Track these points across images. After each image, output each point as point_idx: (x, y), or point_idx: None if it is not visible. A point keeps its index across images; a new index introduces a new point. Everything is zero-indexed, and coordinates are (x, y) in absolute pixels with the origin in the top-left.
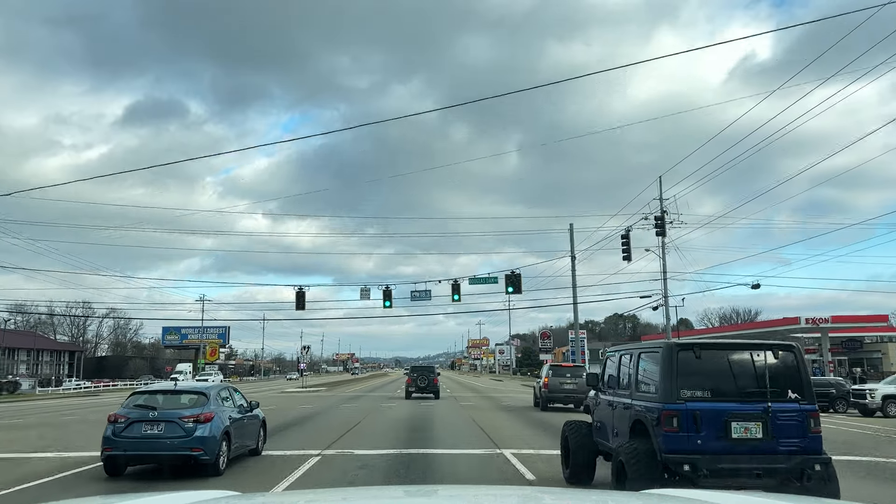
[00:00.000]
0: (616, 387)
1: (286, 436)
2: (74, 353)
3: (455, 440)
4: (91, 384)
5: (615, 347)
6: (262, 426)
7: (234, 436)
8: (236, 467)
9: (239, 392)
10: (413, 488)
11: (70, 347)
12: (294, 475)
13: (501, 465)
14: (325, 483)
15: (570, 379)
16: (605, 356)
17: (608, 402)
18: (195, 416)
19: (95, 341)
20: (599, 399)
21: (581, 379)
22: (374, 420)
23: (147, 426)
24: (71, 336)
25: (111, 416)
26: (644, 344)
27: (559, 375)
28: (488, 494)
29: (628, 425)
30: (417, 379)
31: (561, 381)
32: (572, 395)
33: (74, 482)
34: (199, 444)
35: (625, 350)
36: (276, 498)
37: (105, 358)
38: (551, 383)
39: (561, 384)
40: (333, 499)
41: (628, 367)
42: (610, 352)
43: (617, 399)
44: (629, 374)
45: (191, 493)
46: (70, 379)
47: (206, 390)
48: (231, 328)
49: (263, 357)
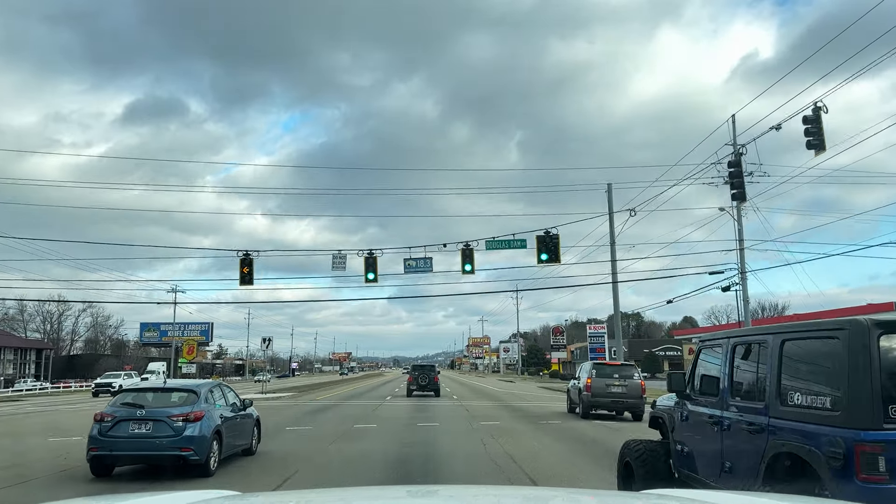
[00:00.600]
0: (725, 394)
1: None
2: (42, 351)
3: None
4: (50, 385)
5: (719, 334)
6: (256, 425)
7: (226, 435)
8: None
9: (232, 390)
10: (415, 488)
11: (37, 345)
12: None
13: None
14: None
15: (619, 380)
16: (700, 347)
17: (709, 418)
18: (185, 414)
19: (71, 339)
20: (688, 411)
21: (632, 380)
22: (324, 463)
23: (135, 425)
24: (44, 333)
25: (97, 415)
26: (791, 325)
27: (605, 376)
28: (488, 494)
29: (761, 459)
30: (418, 377)
31: (607, 383)
32: (621, 401)
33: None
34: (188, 443)
35: (745, 336)
36: (275, 497)
37: (76, 356)
38: (595, 385)
39: (607, 386)
40: (334, 498)
41: (755, 364)
42: (710, 339)
43: (732, 414)
44: (761, 375)
45: (191, 493)
46: (24, 380)
47: (196, 388)
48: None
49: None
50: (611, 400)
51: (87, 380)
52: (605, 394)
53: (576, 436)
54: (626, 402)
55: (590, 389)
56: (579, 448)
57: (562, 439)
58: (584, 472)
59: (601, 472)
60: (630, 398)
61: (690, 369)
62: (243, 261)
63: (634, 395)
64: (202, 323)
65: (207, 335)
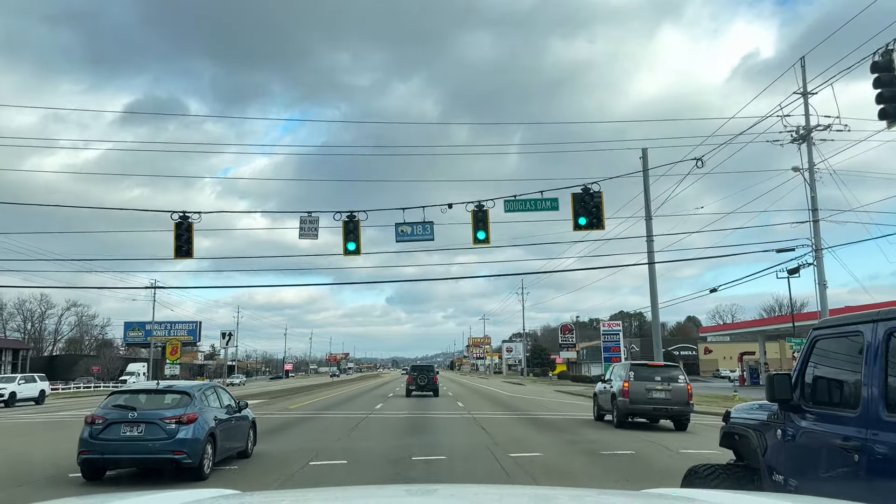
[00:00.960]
0: (874, 406)
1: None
2: (19, 352)
3: None
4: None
5: (854, 317)
6: (251, 427)
7: (221, 438)
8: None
9: (227, 392)
10: (414, 487)
11: (14, 345)
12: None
13: None
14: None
15: (661, 384)
16: (814, 337)
17: (842, 441)
18: (177, 416)
19: (54, 338)
20: (797, 427)
21: (677, 384)
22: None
23: (126, 427)
24: (24, 333)
25: (88, 417)
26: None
27: (645, 378)
28: (489, 493)
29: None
30: (417, 377)
31: (648, 387)
32: (665, 408)
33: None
34: (181, 446)
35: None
36: (275, 496)
37: (56, 357)
38: (634, 390)
39: (648, 391)
40: (333, 497)
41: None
42: (839, 326)
43: (891, 438)
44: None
45: (190, 492)
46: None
47: (190, 389)
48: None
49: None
50: (652, 407)
51: (67, 382)
52: (645, 400)
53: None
54: (671, 410)
55: (627, 395)
56: None
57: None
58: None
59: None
60: (675, 404)
61: (798, 369)
62: (179, 226)
63: (680, 401)
64: (190, 322)
65: (195, 335)
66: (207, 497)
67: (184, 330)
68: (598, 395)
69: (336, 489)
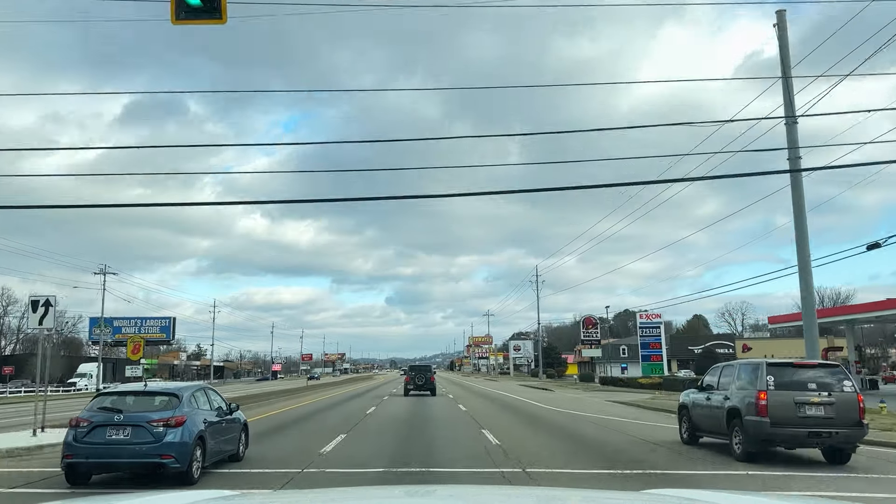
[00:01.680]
0: None
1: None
2: None
3: None
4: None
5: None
6: (243, 430)
7: (211, 441)
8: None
9: (217, 393)
10: (413, 488)
11: None
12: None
13: None
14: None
15: (819, 393)
16: None
17: None
18: (165, 419)
19: (17, 336)
20: None
21: (842, 393)
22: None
23: (112, 430)
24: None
25: (72, 420)
26: None
27: (792, 386)
28: (489, 494)
29: None
30: (415, 377)
31: (798, 399)
32: (828, 431)
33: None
34: (169, 450)
35: None
36: (275, 497)
37: (9, 357)
38: (776, 403)
39: (798, 405)
40: (333, 498)
41: None
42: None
43: None
44: None
45: (190, 493)
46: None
47: (178, 391)
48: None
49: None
50: (807, 431)
51: (6, 382)
52: (795, 419)
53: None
54: (836, 435)
55: (765, 411)
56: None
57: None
58: None
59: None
60: (841, 426)
61: None
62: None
63: (848, 420)
64: (162, 318)
65: (168, 332)
66: (208, 497)
67: (156, 327)
68: (689, 409)
69: (335, 490)
